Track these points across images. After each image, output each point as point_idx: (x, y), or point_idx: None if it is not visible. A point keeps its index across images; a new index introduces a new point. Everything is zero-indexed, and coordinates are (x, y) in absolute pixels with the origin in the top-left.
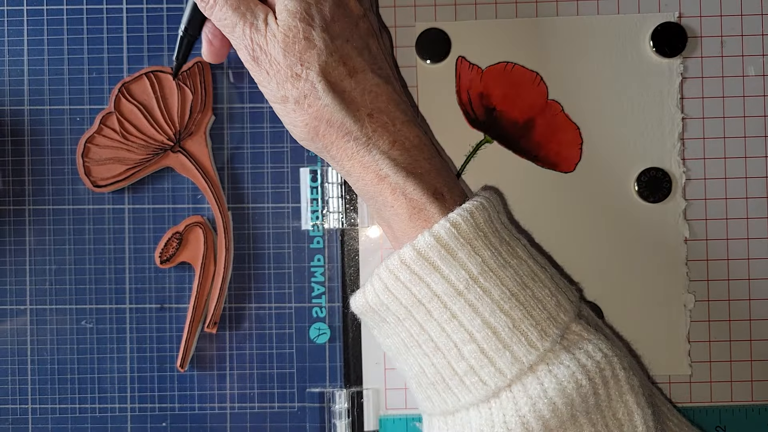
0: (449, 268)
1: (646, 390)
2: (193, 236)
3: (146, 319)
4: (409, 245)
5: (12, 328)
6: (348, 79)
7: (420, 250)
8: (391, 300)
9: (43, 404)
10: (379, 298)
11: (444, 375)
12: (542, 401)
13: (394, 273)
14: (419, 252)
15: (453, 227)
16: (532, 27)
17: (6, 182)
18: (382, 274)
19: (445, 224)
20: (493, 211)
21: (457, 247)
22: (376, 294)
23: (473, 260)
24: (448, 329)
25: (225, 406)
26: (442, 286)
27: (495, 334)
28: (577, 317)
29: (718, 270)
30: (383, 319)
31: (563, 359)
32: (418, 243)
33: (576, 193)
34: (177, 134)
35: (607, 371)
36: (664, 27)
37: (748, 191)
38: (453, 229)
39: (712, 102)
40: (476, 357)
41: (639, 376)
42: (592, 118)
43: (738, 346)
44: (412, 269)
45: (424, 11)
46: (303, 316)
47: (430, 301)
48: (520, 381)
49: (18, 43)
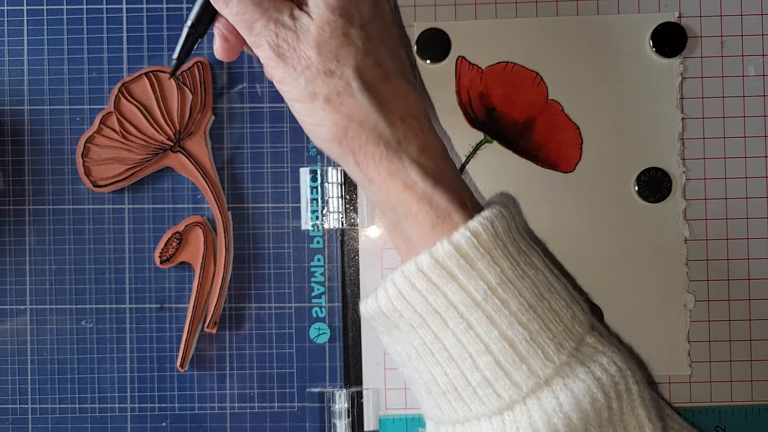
0: (468, 278)
1: (656, 403)
2: (193, 236)
3: (146, 319)
4: (426, 253)
5: (12, 328)
6: (382, 81)
7: (438, 259)
8: (405, 307)
9: (43, 404)
10: (392, 303)
11: (457, 385)
12: (557, 416)
13: (410, 280)
14: (437, 260)
15: (473, 236)
16: (532, 27)
17: (6, 182)
18: (396, 280)
19: (465, 233)
20: (511, 219)
21: (477, 257)
22: (390, 300)
23: (492, 270)
24: (464, 340)
25: (225, 406)
26: (460, 296)
27: (512, 346)
28: (591, 328)
29: (718, 270)
30: (395, 326)
31: (579, 373)
32: (436, 251)
33: (576, 193)
34: (177, 134)
35: (621, 385)
36: (664, 27)
37: (748, 191)
38: (473, 239)
39: (712, 102)
40: (491, 369)
41: (650, 391)
42: (592, 118)
43: (738, 346)
44: (429, 277)
45: (424, 11)
46: (303, 316)
47: (446, 311)
48: (535, 395)
49: (18, 43)
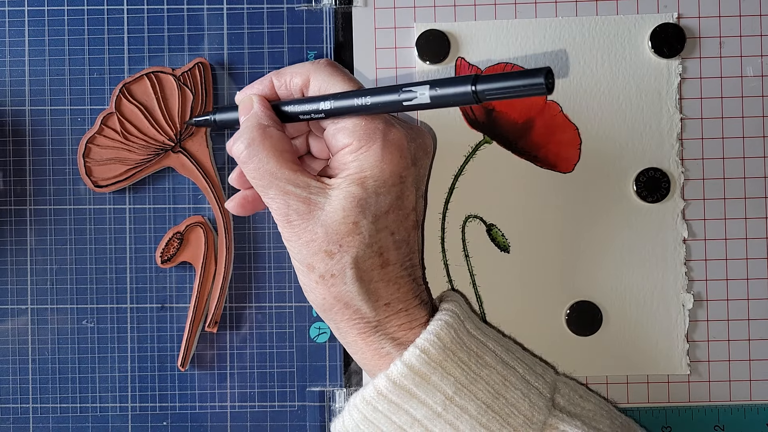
0: (425, 393)
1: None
2: (193, 236)
3: (147, 319)
4: (383, 376)
5: (13, 328)
6: (378, 269)
7: (395, 380)
8: (372, 429)
9: (43, 404)
10: (359, 427)
11: None
12: None
13: (372, 404)
14: (394, 382)
15: (423, 353)
16: (531, 27)
17: (7, 182)
18: (359, 405)
19: (415, 351)
20: (459, 324)
21: (429, 372)
22: (356, 424)
23: (446, 381)
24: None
25: (225, 406)
26: (422, 411)
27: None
28: (552, 408)
29: (716, 270)
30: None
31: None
32: (392, 373)
33: (575, 193)
34: (178, 134)
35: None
36: (662, 28)
37: (747, 191)
38: (423, 355)
39: (711, 102)
40: None
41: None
42: (591, 119)
43: (736, 346)
44: (390, 399)
45: (423, 12)
46: (303, 315)
47: (411, 426)
48: None
49: (19, 44)
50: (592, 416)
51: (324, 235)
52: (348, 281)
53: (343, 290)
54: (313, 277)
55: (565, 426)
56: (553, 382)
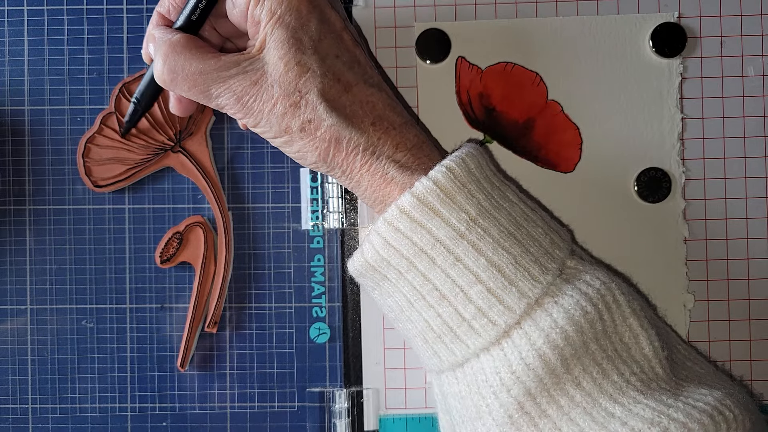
0: (449, 211)
1: (648, 312)
2: (193, 236)
3: (146, 319)
4: (407, 193)
5: (12, 328)
6: (345, 94)
7: (419, 196)
8: (391, 253)
9: (43, 404)
10: (378, 254)
11: (451, 324)
12: (555, 331)
13: (393, 224)
14: (419, 198)
15: (449, 171)
16: (532, 27)
17: (6, 182)
18: (380, 229)
19: (441, 169)
20: (482, 158)
21: (455, 190)
22: (376, 250)
23: (471, 202)
24: (453, 274)
25: (225, 406)
26: (444, 230)
27: (500, 271)
28: (571, 253)
29: (717, 270)
30: (384, 277)
31: (566, 290)
32: (416, 189)
33: (575, 193)
34: (177, 134)
35: (608, 297)
36: (663, 27)
37: (748, 191)
38: (449, 173)
39: (712, 102)
40: (484, 297)
41: (639, 301)
42: (592, 118)
43: (737, 346)
44: (412, 216)
45: (423, 11)
46: (303, 315)
47: (433, 248)
48: (529, 316)
49: (18, 43)
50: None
51: (281, 91)
52: (325, 116)
53: (326, 126)
54: (295, 136)
55: (585, 267)
56: (570, 240)
